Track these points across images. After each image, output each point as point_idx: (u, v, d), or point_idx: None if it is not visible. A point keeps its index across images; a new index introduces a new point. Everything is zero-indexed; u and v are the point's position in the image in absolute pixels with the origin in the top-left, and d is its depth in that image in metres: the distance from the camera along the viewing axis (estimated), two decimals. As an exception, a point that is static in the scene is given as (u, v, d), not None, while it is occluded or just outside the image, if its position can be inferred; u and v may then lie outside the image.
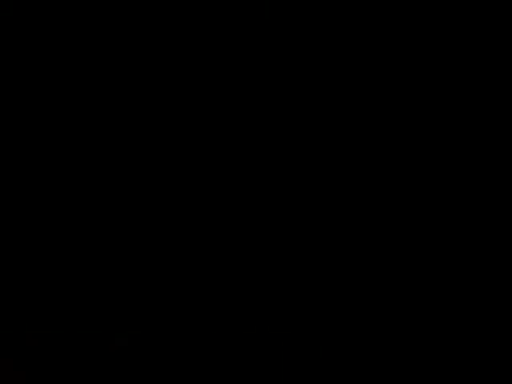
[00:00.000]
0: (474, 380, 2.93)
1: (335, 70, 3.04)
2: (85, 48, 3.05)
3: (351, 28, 3.04)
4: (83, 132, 3.04)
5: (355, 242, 3.00)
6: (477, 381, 2.93)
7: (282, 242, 3.01)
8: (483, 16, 3.03)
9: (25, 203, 3.02)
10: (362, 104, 3.04)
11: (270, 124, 3.05)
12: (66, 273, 2.99)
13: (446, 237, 2.99)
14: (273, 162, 3.04)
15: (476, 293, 2.97)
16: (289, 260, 3.00)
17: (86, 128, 3.04)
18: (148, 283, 2.99)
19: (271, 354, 2.95)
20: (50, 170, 3.03)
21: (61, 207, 3.01)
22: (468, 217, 3.00)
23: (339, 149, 3.03)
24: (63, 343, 2.94)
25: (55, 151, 3.03)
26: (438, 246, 2.99)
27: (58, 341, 2.94)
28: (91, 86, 3.05)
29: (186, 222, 3.01)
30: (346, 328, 2.97)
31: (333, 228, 3.01)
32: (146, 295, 2.99)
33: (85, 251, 3.00)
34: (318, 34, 3.05)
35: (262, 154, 3.04)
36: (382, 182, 3.02)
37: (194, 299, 2.99)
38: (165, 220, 3.01)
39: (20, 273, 2.99)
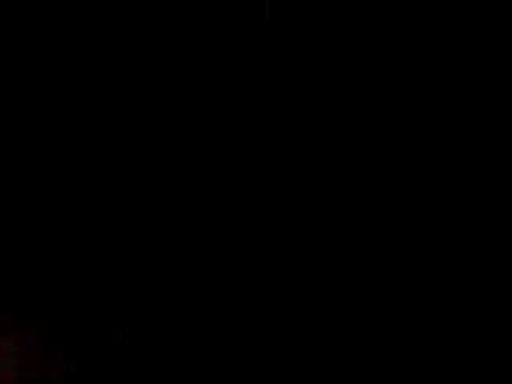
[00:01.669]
0: (474, 380, 2.93)
1: (335, 70, 3.05)
2: (85, 48, 3.06)
3: (351, 28, 3.05)
4: (83, 132, 3.05)
5: (355, 242, 3.00)
6: (477, 381, 2.93)
7: (282, 242, 3.01)
8: (483, 16, 3.04)
9: (25, 203, 3.02)
10: (362, 104, 3.05)
11: (270, 124, 3.05)
12: (67, 273, 3.00)
13: (446, 237, 2.99)
14: (273, 161, 3.04)
15: (476, 293, 2.97)
16: (288, 260, 3.00)
17: (86, 128, 3.05)
18: (148, 283, 3.00)
19: (271, 354, 2.95)
20: (50, 171, 3.03)
21: (61, 206, 3.02)
22: (468, 217, 3.00)
23: (339, 149, 3.04)
24: (63, 343, 2.94)
25: (55, 151, 3.04)
26: (438, 245, 2.99)
27: (57, 341, 2.95)
28: (91, 85, 3.05)
29: (186, 222, 3.02)
30: (346, 328, 2.97)
31: (332, 228, 3.01)
32: (145, 295, 2.99)
33: (85, 251, 3.00)
34: (318, 34, 3.05)
35: (262, 154, 3.04)
36: (382, 181, 3.02)
37: (194, 299, 2.99)
38: (165, 220, 3.02)
39: (20, 272, 3.00)
